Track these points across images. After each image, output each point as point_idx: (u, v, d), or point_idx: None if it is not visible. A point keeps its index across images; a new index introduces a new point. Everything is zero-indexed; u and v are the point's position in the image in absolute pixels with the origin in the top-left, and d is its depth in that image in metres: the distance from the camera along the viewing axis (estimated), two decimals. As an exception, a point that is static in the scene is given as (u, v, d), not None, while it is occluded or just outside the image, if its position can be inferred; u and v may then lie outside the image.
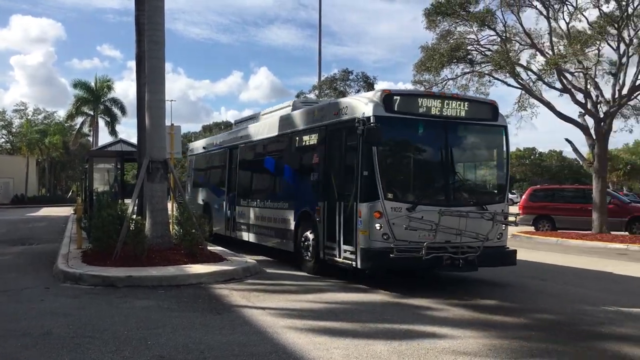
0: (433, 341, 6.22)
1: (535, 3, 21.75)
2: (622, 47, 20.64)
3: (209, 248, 12.08)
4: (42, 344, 5.94)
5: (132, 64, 14.28)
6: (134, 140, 17.37)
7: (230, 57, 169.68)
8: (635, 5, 20.16)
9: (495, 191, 10.55)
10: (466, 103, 10.05)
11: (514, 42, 22.63)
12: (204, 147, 19.02)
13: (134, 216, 11.42)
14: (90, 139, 58.65)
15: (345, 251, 9.78)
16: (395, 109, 9.51)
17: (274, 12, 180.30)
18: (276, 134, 13.17)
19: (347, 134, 9.94)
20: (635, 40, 20.34)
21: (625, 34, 20.48)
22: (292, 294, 9.11)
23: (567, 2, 21.37)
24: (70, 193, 69.47)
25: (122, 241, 10.81)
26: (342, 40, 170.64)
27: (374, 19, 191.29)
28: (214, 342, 5.99)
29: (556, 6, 21.62)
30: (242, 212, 14.77)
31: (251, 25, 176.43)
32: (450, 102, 9.85)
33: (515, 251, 10.06)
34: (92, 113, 55.09)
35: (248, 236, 14.41)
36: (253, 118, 16.10)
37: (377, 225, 9.09)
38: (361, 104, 9.68)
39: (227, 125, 76.60)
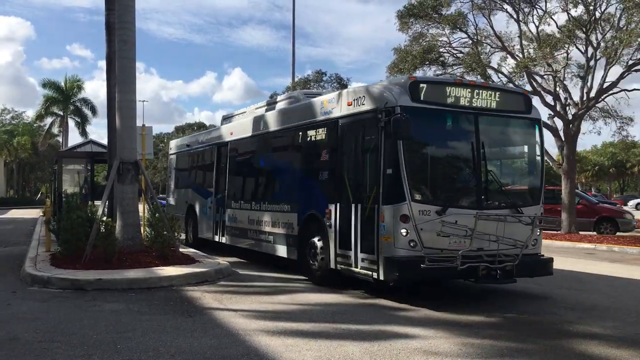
0: (405, 341, 6.25)
1: (506, 6, 22.07)
2: (590, 50, 21.05)
3: (181, 250, 11.98)
4: (8, 349, 5.81)
5: (103, 63, 14.08)
6: (105, 141, 17.10)
7: (203, 58, 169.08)
8: (602, 10, 20.58)
9: (530, 192, 9.52)
10: (497, 93, 9.09)
11: (485, 44, 22.95)
12: (187, 145, 17.74)
13: (104, 218, 11.26)
14: (60, 139, 57.73)
15: (363, 260, 8.74)
16: (422, 99, 8.47)
17: (249, 13, 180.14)
18: (275, 128, 12.08)
19: (365, 127, 8.95)
20: (602, 44, 20.75)
21: (593, 38, 20.88)
22: (264, 295, 9.07)
23: (537, 6, 21.72)
24: (39, 195, 68.33)
25: (92, 244, 10.65)
26: (315, 41, 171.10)
27: (347, 20, 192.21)
28: (185, 345, 5.94)
29: (526, 10, 21.96)
30: (234, 216, 13.54)
31: (225, 26, 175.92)
32: (481, 91, 8.90)
33: (551, 259, 9.21)
34: (61, 113, 54.25)
35: (241, 242, 13.20)
36: (245, 113, 14.93)
37: (403, 231, 8.06)
38: (383, 93, 8.59)
39: (200, 126, 76.06)
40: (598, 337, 6.63)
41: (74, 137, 56.79)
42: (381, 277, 8.27)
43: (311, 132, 10.61)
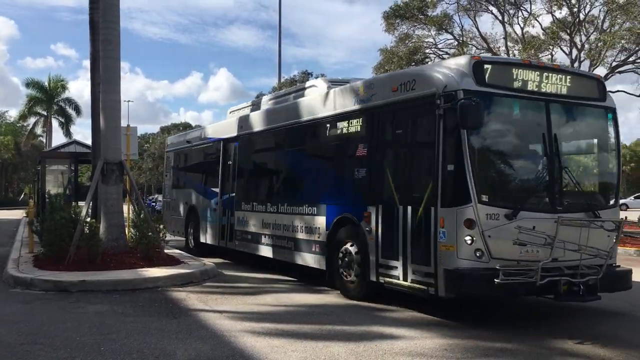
0: (390, 342, 6.25)
1: (491, 8, 22.26)
2: (574, 52, 21.26)
3: (166, 251, 11.90)
4: (-10, 351, 5.73)
5: (88, 63, 13.98)
6: (89, 141, 16.96)
7: (189, 58, 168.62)
8: (586, 12, 20.80)
9: (607, 192, 8.35)
10: (569, 77, 7.89)
11: (470, 46, 23.15)
12: (187, 141, 16.15)
13: (88, 219, 11.17)
14: (44, 140, 57.23)
15: (415, 272, 7.50)
16: (487, 82, 7.29)
17: (235, 13, 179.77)
18: (295, 121, 10.69)
19: (416, 116, 7.80)
20: (586, 46, 20.97)
21: (577, 39, 21.11)
22: (250, 296, 9.03)
23: (522, 8, 21.92)
24: (22, 195, 67.64)
25: (76, 245, 10.55)
26: (302, 42, 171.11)
27: (334, 21, 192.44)
28: (170, 347, 5.89)
29: (511, 12, 22.17)
30: (244, 218, 12.18)
31: (211, 26, 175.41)
32: (551, 75, 7.70)
33: (630, 271, 7.97)
34: (45, 113, 53.83)
35: (254, 249, 11.84)
36: (256, 104, 13.50)
37: (468, 238, 6.86)
38: (440, 75, 7.40)
39: (185, 127, 75.58)
40: (583, 337, 6.66)
41: (58, 138, 56.33)
42: (440, 293, 7.05)
43: (343, 124, 9.31)
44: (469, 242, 6.89)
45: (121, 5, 11.92)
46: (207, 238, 14.07)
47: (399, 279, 7.77)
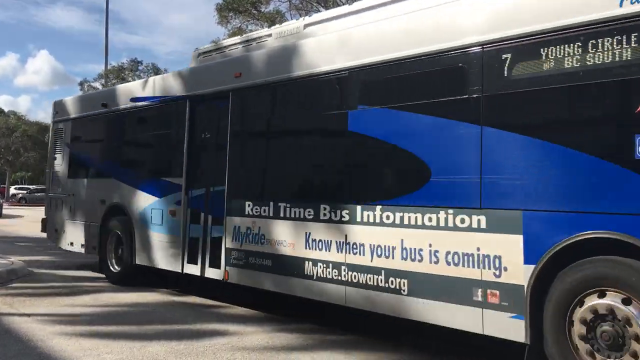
0: (213, 339, 6.17)
1: (321, 9, 22.98)
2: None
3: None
4: None
5: None
6: None
7: (4, 37, 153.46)
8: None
9: None
10: None
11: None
12: (103, 104, 10.38)
13: None
14: None
15: None
16: None
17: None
18: (408, 53, 5.75)
19: None
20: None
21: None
22: (64, 296, 8.41)
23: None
24: None
25: None
26: (134, 28, 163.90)
27: (168, 9, 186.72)
28: (-36, 356, 5.29)
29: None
30: (254, 231, 7.25)
31: (30, 4, 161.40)
32: None
33: None
34: None
35: (284, 284, 6.92)
36: (266, 37, 8.16)
37: None
38: None
39: (-3, 112, 68.65)
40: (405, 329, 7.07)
41: None
42: None
43: (571, 49, 4.61)
44: None
45: None
46: (154, 259, 8.94)
47: None
